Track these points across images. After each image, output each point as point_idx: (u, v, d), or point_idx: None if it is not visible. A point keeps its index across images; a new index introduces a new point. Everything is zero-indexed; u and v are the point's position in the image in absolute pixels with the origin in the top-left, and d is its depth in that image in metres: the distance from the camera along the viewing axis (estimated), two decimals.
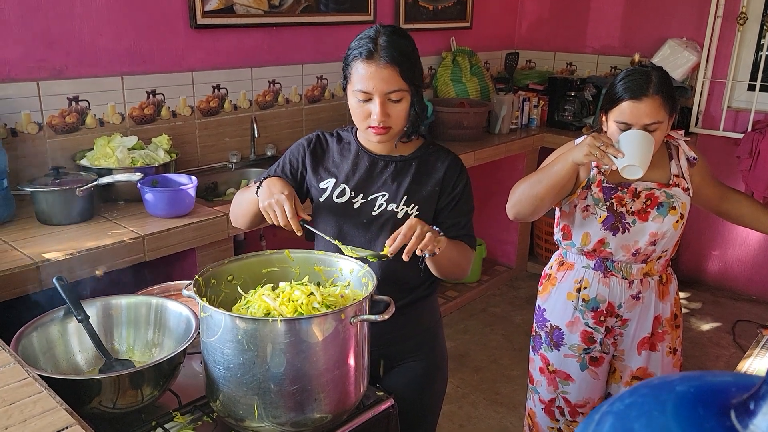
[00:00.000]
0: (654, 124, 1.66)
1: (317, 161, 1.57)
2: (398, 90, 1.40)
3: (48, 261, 1.80)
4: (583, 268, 1.88)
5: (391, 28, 1.43)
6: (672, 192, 1.78)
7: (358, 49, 1.40)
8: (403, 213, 1.50)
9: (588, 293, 1.87)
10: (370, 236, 1.52)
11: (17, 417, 0.91)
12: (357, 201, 1.52)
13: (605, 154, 1.60)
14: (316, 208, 1.57)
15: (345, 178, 1.53)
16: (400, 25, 3.54)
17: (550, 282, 1.95)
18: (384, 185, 1.52)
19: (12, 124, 2.24)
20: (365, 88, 1.40)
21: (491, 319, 3.63)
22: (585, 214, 1.81)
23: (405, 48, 1.41)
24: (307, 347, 1.13)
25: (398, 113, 1.43)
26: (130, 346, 1.38)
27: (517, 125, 3.85)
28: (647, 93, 1.64)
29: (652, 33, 3.85)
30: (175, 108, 2.67)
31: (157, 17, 2.54)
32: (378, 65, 1.38)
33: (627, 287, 1.85)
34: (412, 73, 1.41)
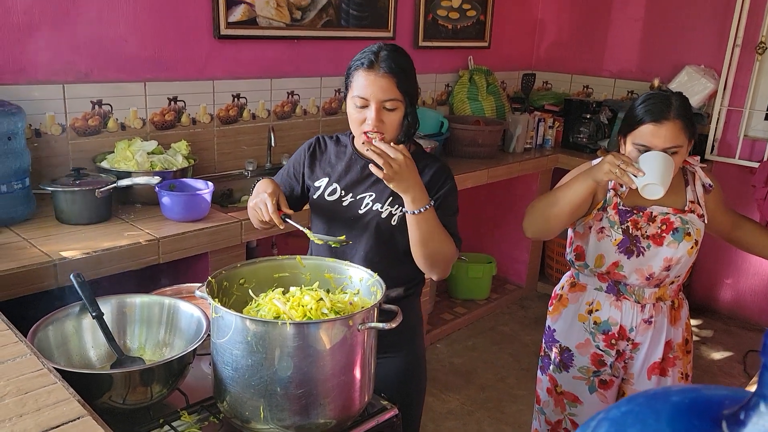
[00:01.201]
0: (674, 148, 1.66)
1: (314, 162, 1.70)
2: (393, 99, 1.50)
3: (65, 259, 1.84)
4: (596, 290, 1.88)
5: (392, 46, 1.56)
6: (687, 218, 1.78)
7: (360, 60, 1.52)
8: (387, 213, 1.60)
9: (600, 316, 1.87)
10: (356, 232, 1.62)
11: (31, 406, 0.94)
12: (346, 199, 1.63)
13: (625, 173, 1.60)
14: (311, 204, 1.69)
15: (337, 178, 1.65)
16: (419, 42, 3.59)
17: (561, 303, 1.95)
18: (372, 186, 1.62)
19: (36, 125, 2.30)
20: (363, 95, 1.50)
21: (499, 337, 3.63)
22: (600, 236, 1.81)
23: (403, 62, 1.52)
24: (315, 352, 1.15)
25: (392, 122, 1.53)
26: (141, 345, 1.41)
27: (532, 145, 3.87)
28: (668, 117, 1.65)
29: (670, 59, 3.87)
30: (195, 115, 2.72)
31: (182, 27, 2.60)
32: (377, 74, 1.49)
33: (639, 311, 1.84)
34: (407, 85, 1.52)
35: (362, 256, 1.62)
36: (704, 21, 3.72)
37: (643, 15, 3.97)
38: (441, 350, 3.44)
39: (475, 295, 3.93)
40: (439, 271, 1.60)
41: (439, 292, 3.87)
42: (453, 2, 3.76)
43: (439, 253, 1.55)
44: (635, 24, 4.02)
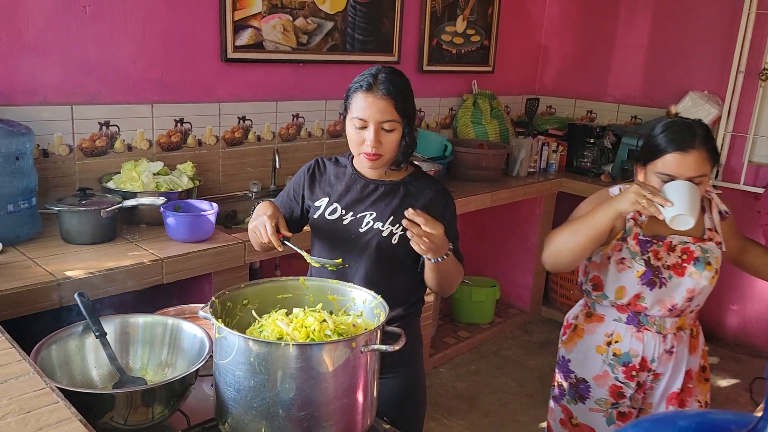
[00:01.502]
0: (699, 177, 1.64)
1: (314, 183, 1.72)
2: (391, 120, 1.54)
3: (69, 279, 1.84)
4: (615, 321, 1.83)
5: (390, 68, 1.59)
6: (707, 246, 1.75)
7: (360, 82, 1.56)
8: (388, 232, 1.62)
9: (620, 347, 1.82)
10: (357, 251, 1.64)
11: (33, 425, 0.94)
12: (347, 218, 1.65)
13: (652, 203, 1.57)
14: (312, 224, 1.71)
15: (337, 198, 1.67)
16: (423, 66, 3.63)
17: (576, 333, 1.91)
18: (372, 205, 1.64)
19: (44, 145, 2.32)
20: (362, 116, 1.54)
21: (503, 362, 3.60)
22: (620, 267, 1.76)
23: (401, 84, 1.56)
24: (317, 374, 1.15)
25: (390, 142, 1.56)
26: (144, 365, 1.40)
27: (536, 169, 3.88)
28: (693, 145, 1.62)
29: (673, 85, 3.89)
30: (201, 137, 2.75)
31: (189, 50, 2.63)
32: (375, 96, 1.53)
33: (661, 341, 1.80)
34: (405, 106, 1.56)
35: (363, 275, 1.63)
36: (708, 47, 3.75)
37: (647, 41, 4.01)
38: (444, 374, 3.41)
39: (479, 319, 3.91)
40: (448, 291, 1.69)
41: (442, 315, 3.86)
42: (457, 27, 3.81)
43: (452, 283, 1.64)
44: (639, 50, 4.05)
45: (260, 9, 2.80)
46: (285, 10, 2.90)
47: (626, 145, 3.77)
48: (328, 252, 1.68)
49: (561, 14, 4.41)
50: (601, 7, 4.19)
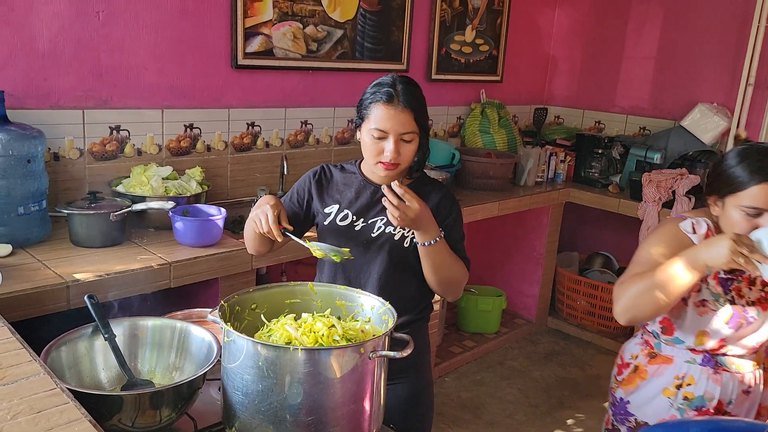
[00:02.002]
0: None
1: (322, 189, 1.73)
2: (411, 132, 1.56)
3: (78, 281, 1.85)
4: (687, 363, 1.67)
5: (406, 78, 1.60)
6: None
7: (379, 94, 1.56)
8: (400, 236, 1.64)
9: (693, 391, 1.65)
10: (370, 255, 1.66)
11: (44, 425, 0.94)
12: (358, 224, 1.67)
13: (750, 261, 1.40)
14: (322, 230, 1.71)
15: (348, 204, 1.68)
16: (431, 75, 3.64)
17: (638, 375, 1.75)
18: (383, 210, 1.61)
19: (55, 148, 2.34)
20: (383, 128, 1.55)
21: (508, 372, 3.59)
22: (702, 310, 1.60)
23: (418, 96, 1.59)
24: (325, 379, 1.15)
25: (407, 152, 1.58)
26: (152, 368, 1.41)
27: (543, 179, 3.88)
28: None
29: (682, 96, 3.89)
30: (210, 142, 2.76)
31: (200, 56, 2.65)
32: (396, 109, 1.54)
33: (739, 382, 1.65)
34: (422, 118, 1.59)
35: (375, 280, 1.64)
36: (717, 59, 3.75)
37: (656, 52, 4.01)
38: (449, 384, 3.40)
39: (484, 329, 3.90)
40: (453, 293, 1.69)
41: (447, 324, 3.85)
42: (466, 37, 3.82)
43: (451, 277, 1.64)
44: (647, 61, 4.06)
45: (271, 16, 2.82)
46: (295, 18, 2.92)
47: (634, 156, 3.77)
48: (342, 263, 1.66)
49: (570, 25, 4.42)
50: (610, 18, 4.20)
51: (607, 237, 4.30)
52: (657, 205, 3.42)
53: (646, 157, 3.71)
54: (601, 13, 4.25)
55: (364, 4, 3.18)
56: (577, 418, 3.17)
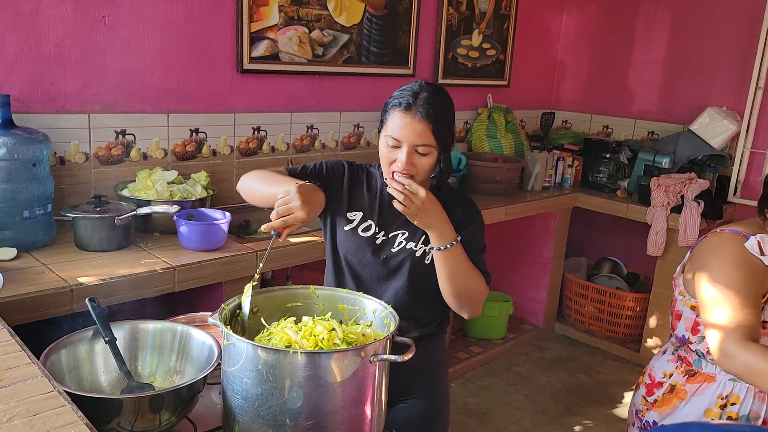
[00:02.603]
0: None
1: (352, 189, 1.63)
2: (426, 145, 1.47)
3: (81, 285, 1.85)
4: (731, 380, 1.60)
5: (434, 87, 1.51)
6: None
7: (399, 99, 1.48)
8: (421, 252, 1.58)
9: (738, 410, 1.56)
10: (388, 271, 1.60)
11: (40, 428, 0.93)
12: (379, 237, 1.60)
13: None
14: (340, 235, 1.63)
15: (371, 213, 1.61)
16: (438, 80, 3.63)
17: (677, 395, 1.66)
18: (404, 224, 1.58)
19: (61, 152, 2.34)
20: (396, 136, 1.47)
21: (515, 378, 3.56)
22: (764, 332, 1.54)
23: (442, 108, 1.48)
24: (325, 382, 1.14)
25: (423, 166, 1.49)
26: (152, 371, 1.40)
27: (551, 183, 3.86)
28: None
29: (691, 100, 3.86)
30: (216, 146, 2.77)
31: (206, 60, 2.66)
32: (413, 117, 1.45)
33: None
34: (443, 132, 1.48)
35: (392, 294, 1.59)
36: (726, 63, 3.72)
37: (664, 56, 3.99)
38: (455, 390, 3.37)
39: (491, 335, 3.87)
40: (470, 308, 1.57)
41: (454, 330, 3.82)
42: (473, 41, 3.82)
43: (468, 289, 1.53)
44: (656, 65, 4.03)
45: (277, 21, 2.83)
46: (301, 23, 2.93)
47: (642, 161, 3.74)
48: (357, 266, 1.62)
49: (577, 29, 4.40)
50: (618, 21, 4.18)
51: (616, 242, 4.27)
52: (665, 210, 3.39)
53: (654, 161, 3.68)
54: (609, 17, 4.23)
55: (371, 9, 3.18)
56: (585, 425, 3.14)
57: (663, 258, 3.51)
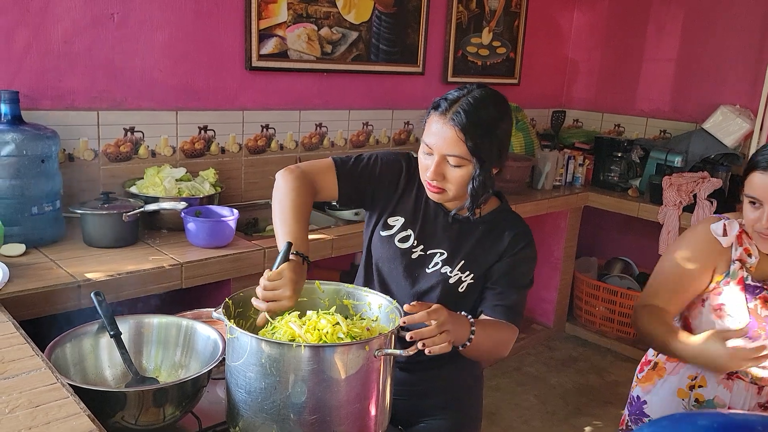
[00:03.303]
0: None
1: (404, 192, 1.49)
2: (458, 157, 1.32)
3: (89, 281, 1.85)
4: None
5: (485, 93, 1.34)
6: None
7: (438, 100, 1.36)
8: (456, 278, 1.45)
9: (703, 393, 1.60)
10: (417, 291, 1.47)
11: (41, 419, 0.93)
12: (416, 251, 1.47)
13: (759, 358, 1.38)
14: (374, 241, 1.52)
15: (412, 222, 1.47)
16: (447, 78, 3.62)
17: (657, 372, 1.70)
18: (445, 242, 1.45)
19: (70, 149, 2.35)
20: (428, 142, 1.35)
21: (525, 378, 3.53)
22: (718, 314, 1.55)
23: (484, 119, 1.31)
24: (329, 377, 1.13)
25: (456, 178, 1.34)
26: (157, 366, 1.40)
27: (561, 182, 3.82)
28: None
29: (704, 98, 3.82)
30: (224, 144, 2.77)
31: (214, 57, 2.66)
32: (446, 124, 1.32)
33: (755, 393, 1.55)
34: (481, 146, 1.31)
35: None
36: (739, 60, 3.68)
37: (677, 54, 3.95)
38: None
39: None
40: (491, 363, 1.53)
41: None
42: (483, 39, 3.80)
43: (489, 355, 1.44)
44: (668, 63, 3.99)
45: (285, 18, 2.83)
46: (310, 20, 2.92)
47: (654, 160, 3.70)
48: (387, 279, 1.50)
49: (589, 27, 4.37)
50: (630, 20, 4.15)
51: (627, 242, 4.23)
52: (678, 209, 3.35)
53: (666, 160, 3.64)
54: (621, 14, 4.19)
55: (380, 6, 3.17)
56: (595, 425, 3.11)
57: None
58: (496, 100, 1.35)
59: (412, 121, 3.50)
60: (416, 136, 3.52)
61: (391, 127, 3.42)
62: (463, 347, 1.31)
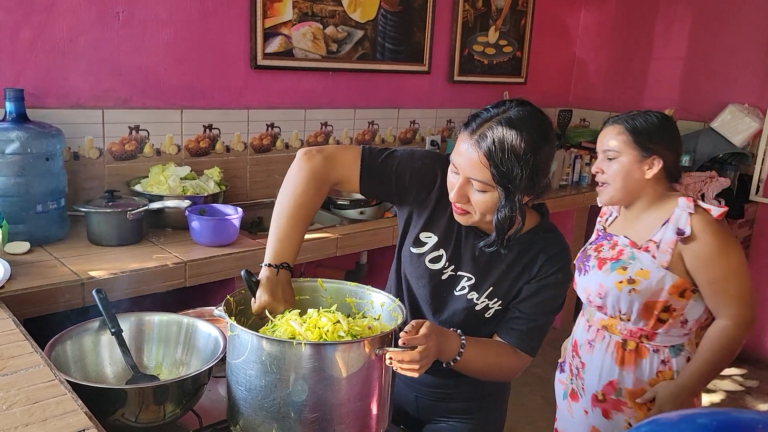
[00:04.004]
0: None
1: (438, 204, 1.37)
2: (481, 182, 1.20)
3: (93, 278, 1.85)
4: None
5: (521, 115, 1.20)
6: (638, 255, 1.65)
7: (471, 117, 1.24)
8: (483, 306, 1.36)
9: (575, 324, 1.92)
10: (443, 312, 1.40)
11: (39, 415, 0.93)
12: (447, 272, 1.38)
13: None
14: (406, 251, 1.42)
15: (443, 241, 1.37)
16: (453, 77, 3.60)
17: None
18: (474, 265, 1.36)
19: (75, 148, 2.36)
20: (454, 161, 1.24)
21: (530, 379, 3.50)
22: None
23: (514, 145, 1.16)
24: (330, 375, 1.11)
25: (480, 204, 1.23)
26: (158, 363, 1.39)
27: (568, 182, 3.80)
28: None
29: (712, 97, 3.78)
30: (229, 143, 2.76)
31: (219, 56, 2.66)
32: (472, 146, 1.19)
33: (585, 329, 1.82)
34: (507, 175, 1.17)
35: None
36: (748, 59, 3.64)
37: (685, 53, 3.92)
38: None
39: None
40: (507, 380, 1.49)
41: None
42: (489, 38, 3.78)
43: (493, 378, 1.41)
44: (676, 62, 3.96)
45: (290, 17, 2.82)
46: (315, 19, 2.92)
47: None
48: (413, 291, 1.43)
49: (596, 26, 4.34)
50: (638, 18, 4.12)
51: None
52: None
53: None
54: (628, 13, 4.16)
55: (385, 5, 3.16)
56: None
57: None
58: (534, 122, 1.20)
59: (418, 120, 3.48)
60: (422, 135, 3.51)
61: (397, 126, 3.41)
62: (452, 363, 1.26)
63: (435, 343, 1.17)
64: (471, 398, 1.51)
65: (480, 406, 1.52)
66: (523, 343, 1.34)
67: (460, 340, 1.26)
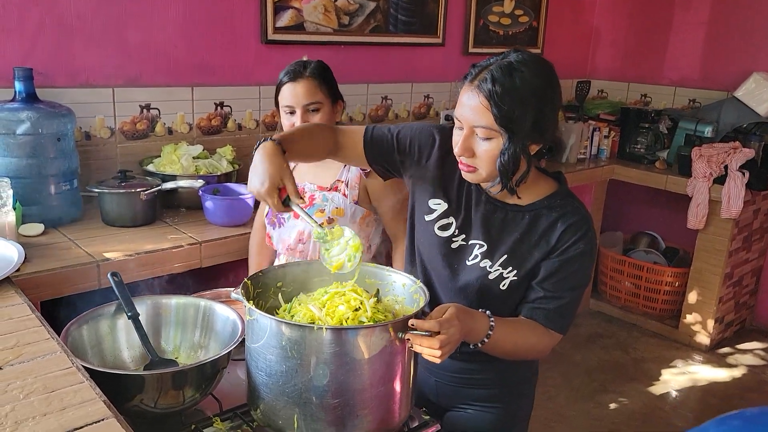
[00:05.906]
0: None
1: (443, 170, 1.35)
2: (485, 128, 1.18)
3: (108, 260, 1.83)
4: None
5: (521, 58, 1.18)
6: (330, 195, 1.77)
7: (471, 67, 1.22)
8: (497, 275, 1.30)
9: None
10: (455, 284, 1.35)
11: (56, 405, 0.91)
12: (457, 240, 1.34)
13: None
14: (420, 222, 1.39)
15: (455, 209, 1.34)
16: (468, 49, 3.52)
17: None
18: (487, 232, 1.31)
19: (87, 127, 2.32)
20: (456, 114, 1.22)
21: (549, 356, 3.44)
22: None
23: (516, 85, 1.15)
24: (351, 360, 1.08)
25: (485, 153, 1.20)
26: (176, 347, 1.37)
27: (586, 155, 3.73)
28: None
29: (736, 65, 3.67)
30: (241, 120, 2.72)
31: (229, 32, 2.60)
32: (472, 92, 1.18)
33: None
34: (510, 115, 1.15)
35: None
36: None
37: (707, 19, 3.79)
38: None
39: None
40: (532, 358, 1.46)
41: None
42: (505, 8, 3.68)
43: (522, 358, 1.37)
44: (698, 28, 3.84)
45: None
46: None
47: (683, 130, 3.58)
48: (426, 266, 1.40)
49: None
50: None
51: (654, 216, 4.13)
52: (708, 181, 3.24)
53: (696, 130, 3.52)
54: None
55: None
56: (620, 402, 3.06)
57: (704, 231, 3.37)
58: (535, 64, 1.18)
59: (432, 95, 3.41)
60: (436, 110, 3.44)
61: (411, 101, 3.34)
62: (480, 344, 1.22)
63: (459, 328, 1.13)
64: (495, 385, 1.46)
65: (505, 394, 1.47)
66: (552, 322, 1.31)
67: (489, 321, 1.22)
